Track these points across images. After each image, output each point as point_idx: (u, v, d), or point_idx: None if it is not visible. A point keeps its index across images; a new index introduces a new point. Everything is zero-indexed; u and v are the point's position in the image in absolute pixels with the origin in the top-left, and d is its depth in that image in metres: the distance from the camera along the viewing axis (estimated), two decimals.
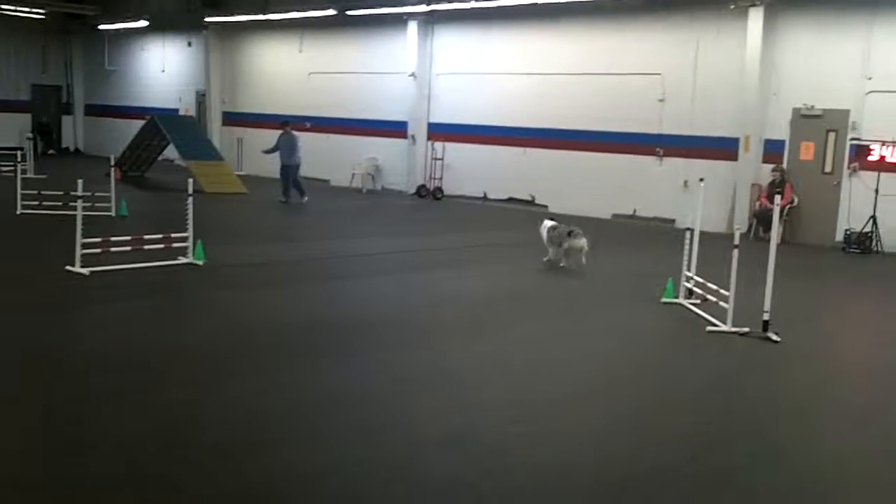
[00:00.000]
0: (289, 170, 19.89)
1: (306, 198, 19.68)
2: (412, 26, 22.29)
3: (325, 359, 7.51)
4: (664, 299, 10.30)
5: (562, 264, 12.36)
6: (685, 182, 18.05)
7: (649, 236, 17.15)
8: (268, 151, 20.56)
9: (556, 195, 20.19)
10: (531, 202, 20.67)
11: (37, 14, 29.25)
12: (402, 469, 5.12)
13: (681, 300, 10.23)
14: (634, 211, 19.03)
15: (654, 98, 18.62)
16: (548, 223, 12.86)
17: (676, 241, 10.76)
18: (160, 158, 24.16)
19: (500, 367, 7.51)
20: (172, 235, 11.01)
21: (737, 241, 9.03)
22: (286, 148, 19.96)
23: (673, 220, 18.13)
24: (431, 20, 22.28)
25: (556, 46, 20.21)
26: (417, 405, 6.36)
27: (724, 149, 17.71)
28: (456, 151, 22.00)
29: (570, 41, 19.97)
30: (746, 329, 8.86)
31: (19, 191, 15.05)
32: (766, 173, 17.19)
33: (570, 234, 12.29)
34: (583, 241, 12.14)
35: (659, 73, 18.48)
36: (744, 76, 17.33)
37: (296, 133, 20.45)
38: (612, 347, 8.40)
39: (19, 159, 16.56)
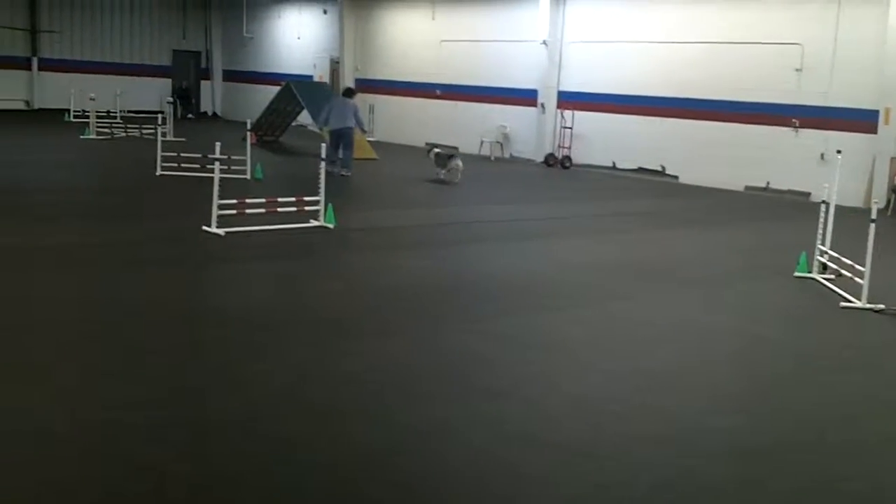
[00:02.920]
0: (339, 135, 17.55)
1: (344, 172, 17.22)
2: None
3: (452, 321, 7.61)
4: (797, 273, 9.99)
5: (443, 177, 16.75)
6: (822, 154, 17.34)
7: (783, 209, 16.61)
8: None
9: (686, 165, 19.74)
10: (661, 172, 20.26)
11: None
12: (523, 434, 5.16)
13: (814, 275, 9.90)
14: (768, 183, 18.42)
15: (791, 68, 17.92)
16: (435, 150, 17.34)
17: (811, 215, 10.38)
18: (294, 124, 24.74)
19: (627, 336, 7.44)
20: (305, 199, 11.30)
21: (874, 216, 8.68)
22: (338, 109, 17.72)
23: (808, 194, 17.48)
24: None
25: (690, 15, 19.64)
26: (541, 370, 6.38)
27: (863, 121, 16.92)
28: (585, 120, 21.73)
29: (704, 9, 19.37)
30: (882, 306, 8.53)
31: (159, 153, 15.67)
32: None
33: (450, 157, 17.10)
34: (459, 162, 16.96)
35: (797, 43, 17.75)
36: (885, 47, 16.49)
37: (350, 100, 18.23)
38: (742, 320, 8.20)
39: (159, 122, 17.19)
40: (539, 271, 9.93)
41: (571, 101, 22.04)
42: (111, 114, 25.78)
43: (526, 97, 22.98)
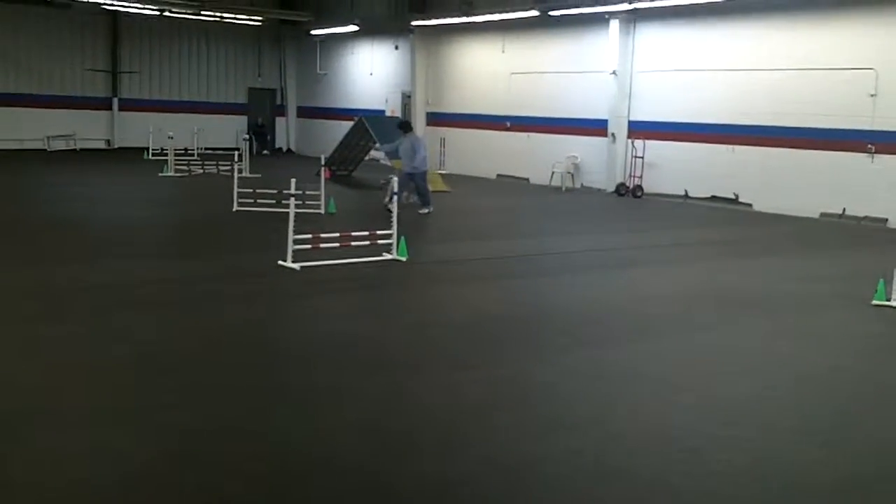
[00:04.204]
0: (413, 177, 16.84)
1: (428, 209, 16.72)
2: (614, 25, 22.02)
3: (527, 354, 7.60)
4: (875, 301, 9.73)
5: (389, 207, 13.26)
6: None
7: (860, 236, 16.23)
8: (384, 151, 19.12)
9: (760, 193, 19.42)
10: (734, 200, 19.97)
11: (254, 21, 31.01)
12: (598, 466, 5.11)
13: (893, 303, 9.63)
14: (844, 210, 18.01)
15: (865, 93, 17.56)
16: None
17: (889, 241, 10.13)
18: (367, 158, 25.05)
19: (707, 367, 7.33)
20: (378, 232, 11.42)
21: None
22: (407, 153, 16.87)
23: (885, 220, 17.05)
24: (633, 18, 21.93)
25: (762, 42, 19.41)
26: (621, 403, 6.32)
27: None
28: (656, 149, 21.57)
29: (776, 36, 19.13)
30: None
31: (235, 189, 16.00)
32: None
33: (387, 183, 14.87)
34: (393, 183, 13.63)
35: (871, 68, 17.41)
36: None
37: (418, 135, 18.11)
38: (822, 350, 8.01)
39: (236, 159, 17.56)
40: (615, 302, 9.85)
41: (642, 130, 21.91)
42: (189, 151, 26.43)
43: (596, 127, 22.91)
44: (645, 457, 5.30)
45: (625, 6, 21.14)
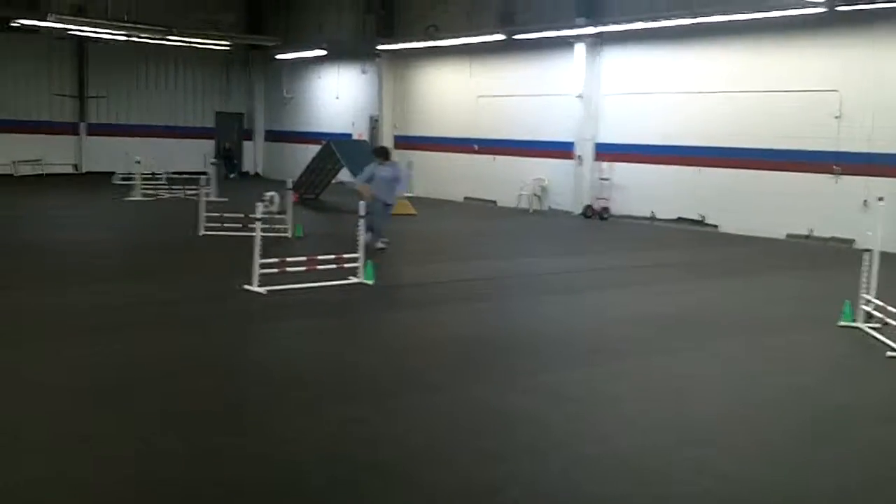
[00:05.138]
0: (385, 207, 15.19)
1: (380, 244, 14.74)
2: (579, 48, 22.25)
3: (493, 377, 7.61)
4: (842, 323, 9.83)
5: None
6: (864, 201, 17.14)
7: (826, 257, 16.43)
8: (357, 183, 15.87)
9: (726, 214, 19.63)
10: (701, 222, 20.17)
11: (221, 46, 30.98)
12: (568, 490, 5.13)
13: (859, 324, 9.74)
14: (811, 231, 18.24)
15: (829, 115, 17.83)
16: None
17: (855, 262, 10.26)
18: (334, 181, 25.05)
19: (667, 389, 7.38)
20: (344, 256, 11.41)
21: None
22: (387, 182, 15.18)
23: (852, 241, 17.27)
24: (599, 42, 22.16)
25: (725, 64, 19.69)
26: (584, 426, 6.35)
27: None
28: (623, 171, 21.75)
29: (739, 58, 19.42)
30: None
31: (203, 213, 15.93)
32: None
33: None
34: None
35: (835, 90, 17.69)
36: None
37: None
38: (785, 370, 8.09)
39: (203, 183, 17.51)
40: (579, 325, 9.91)
41: (609, 152, 22.10)
42: (156, 175, 26.31)
43: (563, 149, 23.08)
44: (604, 478, 5.32)
45: (590, 30, 21.38)
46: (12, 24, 25.93)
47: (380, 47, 27.42)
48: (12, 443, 5.58)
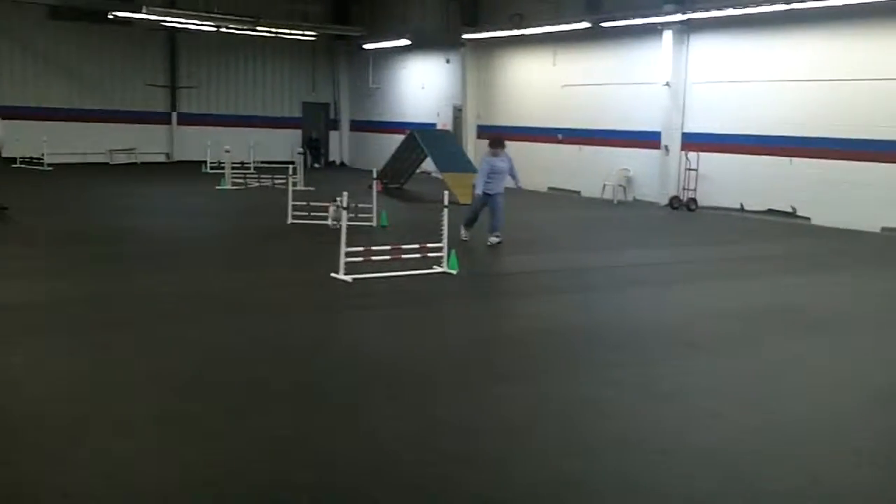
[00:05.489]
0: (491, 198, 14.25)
1: (495, 238, 14.22)
2: (667, 35, 21.90)
3: (579, 370, 7.58)
4: None
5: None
6: None
7: None
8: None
9: (819, 206, 19.10)
10: (792, 214, 19.69)
11: (308, 36, 31.40)
12: (654, 487, 5.09)
13: None
14: None
15: None
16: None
17: None
18: (418, 171, 25.20)
19: (758, 385, 7.24)
20: (429, 245, 11.48)
21: None
22: (501, 172, 14.25)
23: None
24: (687, 29, 21.77)
25: (819, 52, 19.13)
26: (672, 421, 6.28)
27: None
28: (711, 161, 21.36)
29: (834, 45, 18.83)
30: None
31: (290, 202, 16.20)
32: None
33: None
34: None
35: None
36: None
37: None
38: (879, 367, 7.87)
39: (291, 173, 17.78)
40: (666, 318, 9.77)
41: (696, 142, 21.73)
42: (245, 164, 26.82)
43: (649, 139, 22.78)
44: (691, 476, 5.26)
45: (678, 17, 21.02)
46: (108, 17, 26.73)
47: (464, 36, 27.43)
48: (109, 420, 5.78)
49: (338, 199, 12.51)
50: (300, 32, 30.62)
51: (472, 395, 6.69)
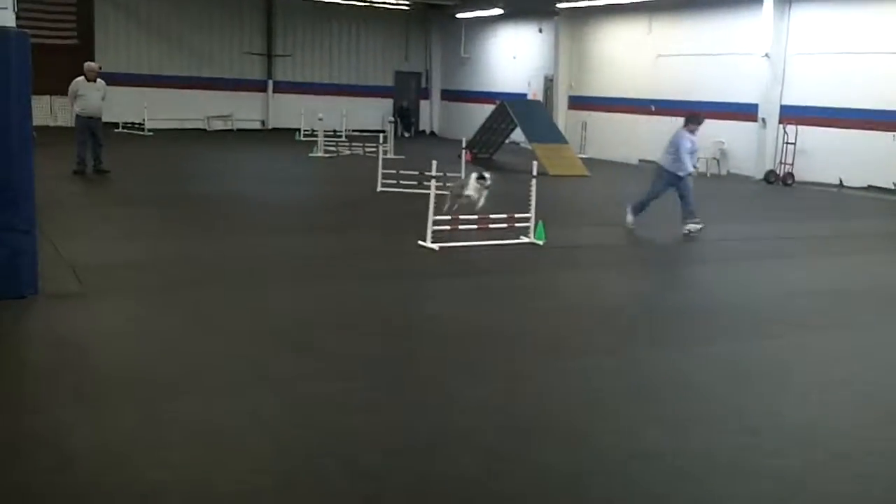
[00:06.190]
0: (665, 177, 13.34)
1: (692, 226, 13.00)
2: (767, 4, 21.29)
3: (665, 344, 7.52)
4: None
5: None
6: None
7: None
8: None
9: None
10: (894, 191, 19.03)
11: (402, 5, 31.49)
12: (733, 464, 5.05)
13: None
14: None
15: None
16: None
17: None
18: (507, 141, 25.12)
19: (853, 366, 7.08)
20: (515, 215, 11.47)
21: None
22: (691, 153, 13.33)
23: None
24: None
25: None
26: (760, 399, 6.18)
27: None
28: (809, 135, 20.77)
29: None
30: None
31: (380, 170, 16.35)
32: None
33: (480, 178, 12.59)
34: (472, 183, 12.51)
35: None
36: None
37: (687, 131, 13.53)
38: None
39: (381, 141, 17.93)
40: (756, 294, 9.59)
41: (795, 115, 21.14)
42: (337, 133, 27.13)
43: (745, 112, 22.25)
44: (785, 457, 5.17)
45: None
46: None
47: (558, 5, 27.14)
48: (199, 383, 5.99)
49: (473, 175, 12.60)
50: (394, 1, 30.72)
51: (555, 365, 6.70)
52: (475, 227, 11.20)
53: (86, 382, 5.84)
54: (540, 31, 29.53)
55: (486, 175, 12.58)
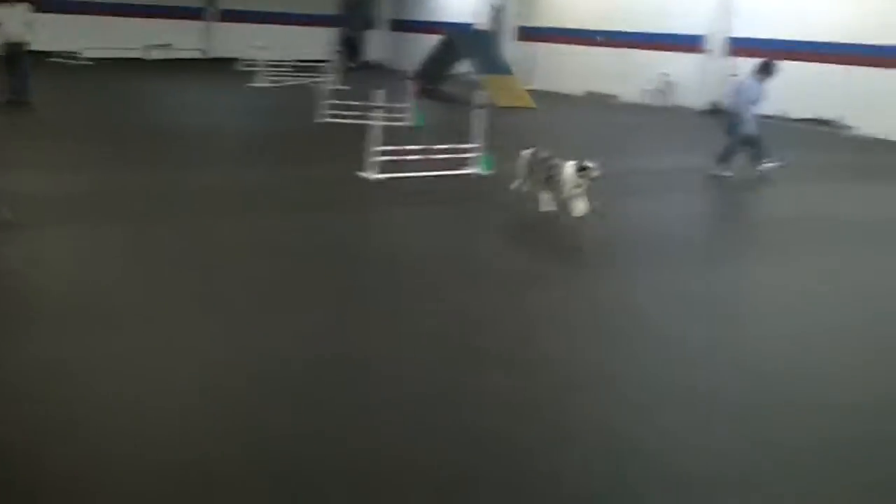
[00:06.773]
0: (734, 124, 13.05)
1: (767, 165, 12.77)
2: None
3: (613, 271, 7.66)
4: None
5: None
6: None
7: None
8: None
9: (866, 116, 18.55)
10: (836, 124, 19.17)
11: None
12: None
13: None
14: None
15: None
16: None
17: None
18: (455, 72, 24.79)
19: (783, 302, 7.16)
20: (461, 146, 11.32)
21: None
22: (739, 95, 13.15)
23: None
24: None
25: None
26: (693, 329, 6.24)
27: None
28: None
29: None
30: None
31: (324, 101, 15.99)
32: None
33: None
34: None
35: None
36: None
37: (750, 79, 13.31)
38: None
39: (326, 72, 17.54)
40: (700, 225, 9.65)
41: (743, 47, 21.08)
42: (281, 62, 26.52)
43: (691, 43, 22.16)
44: (728, 385, 5.21)
45: None
46: None
47: None
48: (135, 312, 5.84)
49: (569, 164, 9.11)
50: None
51: (499, 294, 6.68)
52: (419, 157, 11.04)
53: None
54: None
55: (590, 164, 8.90)
